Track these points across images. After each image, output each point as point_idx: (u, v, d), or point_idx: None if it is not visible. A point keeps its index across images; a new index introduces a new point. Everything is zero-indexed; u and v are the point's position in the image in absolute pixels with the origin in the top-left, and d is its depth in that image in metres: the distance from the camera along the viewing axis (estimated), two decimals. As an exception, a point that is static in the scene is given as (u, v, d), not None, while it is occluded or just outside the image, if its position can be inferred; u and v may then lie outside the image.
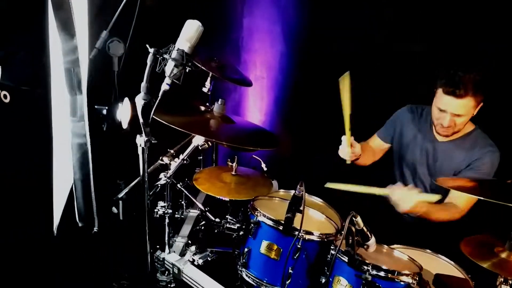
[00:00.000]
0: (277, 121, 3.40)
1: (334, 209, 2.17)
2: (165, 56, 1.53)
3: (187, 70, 1.56)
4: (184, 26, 1.57)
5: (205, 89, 2.47)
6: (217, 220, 1.99)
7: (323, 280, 1.68)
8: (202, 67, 2.25)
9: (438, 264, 1.87)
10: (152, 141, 1.55)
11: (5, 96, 1.37)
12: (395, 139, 2.38)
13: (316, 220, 1.99)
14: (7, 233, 1.70)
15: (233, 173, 2.12)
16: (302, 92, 3.22)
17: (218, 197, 2.02)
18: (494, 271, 1.52)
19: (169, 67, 1.52)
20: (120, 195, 1.90)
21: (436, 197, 1.92)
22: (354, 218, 1.54)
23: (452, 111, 1.97)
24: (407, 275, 1.57)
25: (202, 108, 2.12)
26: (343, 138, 2.12)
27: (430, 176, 2.24)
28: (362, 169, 2.43)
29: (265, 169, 2.35)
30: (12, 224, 1.70)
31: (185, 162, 1.95)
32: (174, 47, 1.53)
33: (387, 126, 2.42)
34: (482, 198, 1.40)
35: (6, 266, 1.74)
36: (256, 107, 3.48)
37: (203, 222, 2.01)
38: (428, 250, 1.96)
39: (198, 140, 1.90)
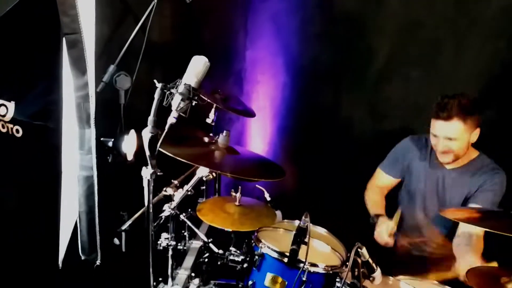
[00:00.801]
0: (281, 151, 3.43)
1: (339, 240, 2.17)
2: (172, 91, 1.57)
3: (193, 104, 1.61)
4: (191, 61, 1.62)
5: (209, 120, 2.51)
6: (221, 251, 1.98)
7: (329, 314, 1.66)
8: (208, 100, 2.30)
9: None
10: (158, 173, 1.57)
11: (17, 131, 1.40)
12: (404, 173, 2.38)
13: (321, 252, 1.98)
14: (14, 265, 1.69)
15: (237, 203, 2.12)
16: (305, 122, 3.27)
17: (223, 228, 2.01)
18: (502, 304, 1.51)
19: (176, 101, 1.56)
20: (124, 227, 1.89)
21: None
22: (359, 250, 1.54)
23: (444, 135, 2.03)
24: (414, 307, 1.56)
25: (206, 139, 2.15)
26: (388, 223, 2.13)
27: (440, 206, 2.24)
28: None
29: (268, 199, 2.34)
30: (19, 257, 1.70)
31: (189, 193, 1.95)
32: (181, 82, 1.58)
33: (392, 160, 2.41)
34: (487, 229, 1.40)
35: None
36: (259, 137, 3.52)
37: (207, 254, 2.00)
38: (435, 281, 1.94)
39: (202, 171, 1.92)
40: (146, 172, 1.56)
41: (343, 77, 3.09)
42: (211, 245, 2.14)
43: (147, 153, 1.54)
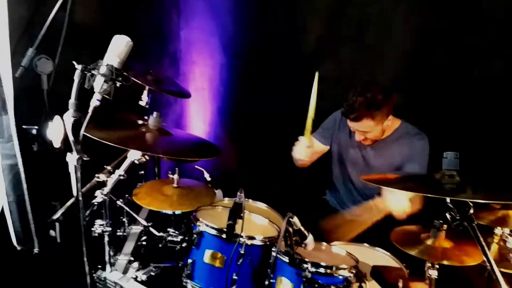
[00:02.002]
0: (222, 131, 3.43)
1: (278, 213, 2.24)
2: (93, 72, 1.51)
3: (117, 85, 1.56)
4: (112, 41, 1.56)
5: (142, 103, 2.45)
6: (161, 234, 1.97)
7: (267, 282, 1.72)
8: (137, 81, 2.24)
9: (376, 256, 1.98)
10: (84, 159, 1.52)
11: None
12: (333, 141, 2.49)
13: (259, 225, 2.03)
14: None
15: (175, 185, 2.11)
16: (244, 102, 3.28)
17: (160, 210, 2.01)
18: (421, 258, 1.65)
19: (98, 83, 1.51)
20: (55, 217, 1.82)
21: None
22: (291, 219, 1.60)
23: (356, 128, 2.16)
24: (344, 269, 1.65)
25: (140, 122, 2.11)
26: (302, 138, 2.17)
27: (366, 173, 2.35)
28: (303, 173, 2.51)
29: (208, 179, 2.36)
30: None
31: (122, 177, 1.91)
32: (103, 62, 1.52)
33: (323, 129, 2.50)
34: (405, 191, 1.51)
35: None
36: (199, 119, 3.49)
37: (144, 238, 1.98)
38: (366, 244, 2.06)
39: (134, 155, 1.88)
40: (72, 158, 1.51)
41: (279, 57, 3.11)
42: (151, 228, 2.14)
43: (71, 138, 1.48)
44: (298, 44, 3.04)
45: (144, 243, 1.94)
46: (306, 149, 2.15)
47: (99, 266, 1.99)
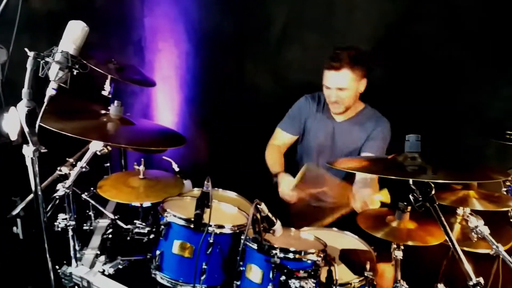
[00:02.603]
0: (190, 121, 3.37)
1: (249, 201, 2.24)
2: (48, 59, 1.44)
3: (74, 73, 1.49)
4: (67, 27, 1.49)
5: (105, 92, 2.37)
6: (128, 227, 1.93)
7: (237, 270, 1.72)
8: (98, 69, 2.16)
9: (344, 240, 2.01)
10: (42, 151, 1.45)
11: None
12: (300, 130, 2.50)
13: (229, 213, 2.02)
14: None
15: (141, 176, 2.06)
16: (212, 90, 3.24)
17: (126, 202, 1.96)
18: (387, 239, 1.69)
19: (54, 71, 1.44)
20: (15, 212, 1.75)
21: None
22: (258, 206, 1.59)
23: (335, 85, 2.18)
24: (312, 253, 1.66)
25: (103, 112, 2.03)
26: (285, 181, 2.22)
27: (334, 157, 2.39)
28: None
29: (176, 169, 2.32)
30: None
31: (84, 170, 1.85)
32: (58, 49, 1.45)
33: (290, 118, 2.51)
34: (370, 174, 1.53)
35: None
36: (166, 108, 3.42)
37: (110, 230, 1.93)
38: (334, 229, 2.09)
39: (95, 146, 1.81)
40: (28, 151, 1.44)
41: (245, 44, 3.09)
42: (118, 221, 2.09)
43: (26, 129, 1.42)
44: (265, 29, 3.02)
45: (110, 236, 1.89)
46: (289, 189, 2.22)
47: (65, 262, 1.93)
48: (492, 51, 2.46)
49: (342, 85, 2.17)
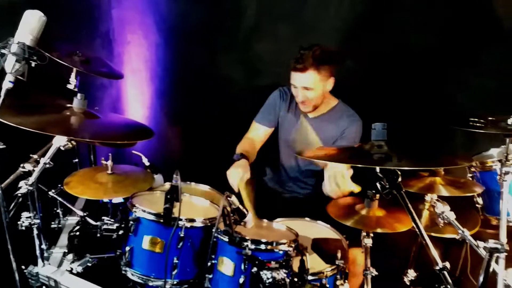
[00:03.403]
0: (162, 115, 3.31)
1: (223, 194, 2.20)
2: (3, 51, 1.38)
3: (32, 65, 1.43)
4: (23, 17, 1.43)
5: (70, 86, 2.29)
6: (96, 223, 1.88)
7: (209, 264, 1.70)
8: (62, 62, 2.09)
9: (317, 230, 2.03)
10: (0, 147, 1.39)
11: None
12: (276, 123, 2.48)
13: (200, 207, 2.00)
14: None
15: (109, 172, 2.01)
16: (183, 82, 3.19)
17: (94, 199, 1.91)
18: (357, 227, 1.71)
19: (10, 63, 1.38)
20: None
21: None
22: (229, 198, 1.58)
23: (301, 85, 2.16)
24: (284, 243, 1.66)
25: (67, 106, 1.97)
26: (241, 169, 2.10)
27: None
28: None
29: (147, 164, 2.27)
30: None
31: (48, 166, 1.79)
32: (14, 40, 1.39)
33: (264, 111, 2.49)
34: (337, 163, 1.54)
35: None
36: (137, 102, 3.34)
37: (77, 228, 1.88)
38: (307, 219, 2.10)
39: (59, 141, 1.75)
40: (-16, 147, 1.38)
41: (217, 36, 3.05)
42: (87, 218, 2.03)
43: (-19, 125, 1.35)
44: (236, 20, 2.99)
45: (77, 233, 1.84)
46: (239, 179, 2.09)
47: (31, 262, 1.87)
48: (457, 41, 2.52)
49: (307, 84, 2.15)
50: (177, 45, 3.15)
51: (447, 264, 1.44)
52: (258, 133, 2.48)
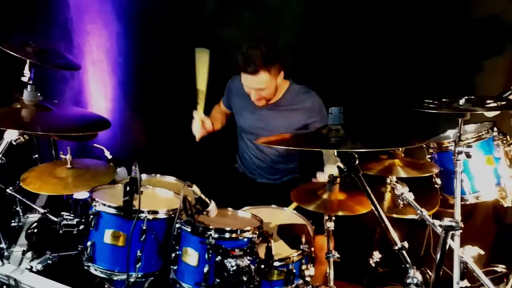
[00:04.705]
0: (125, 106, 3.24)
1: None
2: None
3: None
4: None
5: (24, 78, 2.19)
6: (57, 219, 1.82)
7: (173, 255, 1.69)
8: (13, 54, 2.00)
9: (283, 216, 2.03)
10: None
11: None
12: (232, 107, 2.49)
13: (164, 198, 1.97)
14: None
15: (69, 166, 1.95)
16: (146, 72, 3.11)
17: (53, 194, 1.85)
18: (319, 211, 1.73)
19: None
20: None
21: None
22: (190, 188, 1.56)
23: (253, 86, 2.14)
24: (248, 231, 1.66)
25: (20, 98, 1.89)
26: (194, 113, 2.17)
27: None
28: (211, 143, 2.47)
29: (109, 157, 2.22)
30: None
31: (0, 162, 1.72)
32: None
33: (224, 96, 2.53)
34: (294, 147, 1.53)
35: None
36: (100, 94, 3.25)
37: (35, 225, 1.83)
38: (273, 206, 2.11)
39: (10, 135, 1.68)
40: None
41: (178, 22, 2.98)
42: (48, 215, 1.98)
43: None
44: (198, 7, 2.94)
45: (35, 230, 1.78)
46: (197, 124, 2.22)
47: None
48: (416, 23, 2.55)
49: (260, 86, 2.13)
50: (138, 34, 3.08)
51: (406, 244, 1.47)
52: (222, 109, 2.58)
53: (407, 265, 1.47)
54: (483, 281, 1.55)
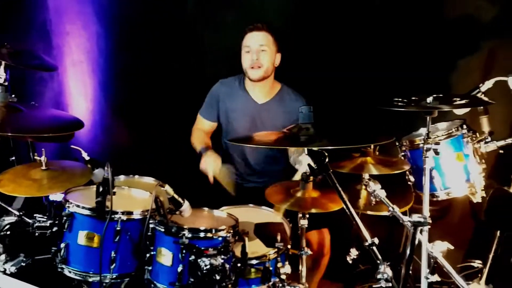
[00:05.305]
0: (106, 106, 3.22)
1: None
2: None
3: None
4: None
5: (0, 80, 2.18)
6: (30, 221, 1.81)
7: (148, 255, 1.69)
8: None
9: (261, 215, 2.04)
10: None
11: None
12: (221, 116, 2.48)
13: (141, 199, 1.96)
14: None
15: (43, 168, 1.94)
16: (127, 73, 3.10)
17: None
18: (293, 209, 1.74)
19: None
20: None
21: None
22: (162, 188, 1.57)
23: (256, 43, 2.27)
24: (222, 230, 1.67)
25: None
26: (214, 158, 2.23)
27: None
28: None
29: (87, 158, 2.21)
30: None
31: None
32: None
33: (207, 106, 2.50)
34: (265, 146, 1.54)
35: None
36: (80, 95, 3.23)
37: (8, 227, 1.81)
38: (251, 205, 2.12)
39: (-21, 138, 1.67)
40: None
41: (160, 23, 2.97)
42: (24, 217, 1.96)
43: None
44: (180, 8, 2.94)
45: (8, 233, 1.77)
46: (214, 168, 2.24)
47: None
48: (384, 22, 2.59)
49: (263, 42, 2.27)
50: (118, 34, 3.07)
51: (376, 240, 1.49)
52: (203, 126, 2.52)
53: (378, 261, 1.49)
54: (452, 275, 1.58)
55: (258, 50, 2.27)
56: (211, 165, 2.21)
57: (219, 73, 2.57)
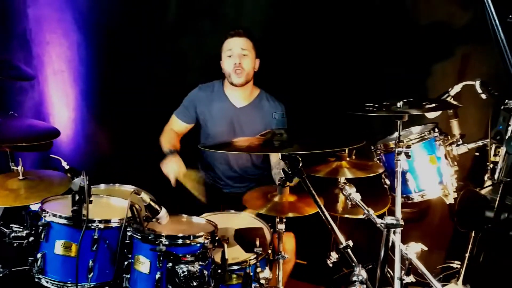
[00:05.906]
0: (88, 115, 3.20)
1: (150, 194, 2.18)
2: None
3: None
4: None
5: (-24, 90, 2.17)
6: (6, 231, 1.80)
7: (126, 263, 1.69)
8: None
9: (241, 220, 2.05)
10: None
11: None
12: (199, 119, 2.50)
13: (119, 207, 1.96)
14: None
15: (21, 177, 1.93)
16: (108, 81, 3.10)
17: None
18: (270, 214, 1.76)
19: None
20: None
21: None
22: (138, 195, 1.57)
23: (238, 47, 2.32)
24: (200, 236, 1.67)
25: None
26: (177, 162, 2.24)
27: None
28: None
29: (66, 167, 2.20)
30: None
31: None
32: None
33: (184, 108, 2.51)
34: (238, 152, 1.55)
35: None
36: (62, 104, 3.21)
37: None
38: (232, 211, 2.13)
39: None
40: None
41: (139, 31, 2.99)
42: (1, 227, 1.94)
43: None
44: (159, 17, 2.96)
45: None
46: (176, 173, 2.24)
47: None
48: (359, 28, 2.64)
49: (245, 47, 2.32)
50: (99, 43, 3.07)
51: (350, 243, 1.51)
52: (178, 127, 2.53)
53: (353, 264, 1.51)
54: (426, 276, 1.61)
55: (240, 55, 2.31)
56: (173, 168, 2.23)
57: (199, 80, 2.58)
